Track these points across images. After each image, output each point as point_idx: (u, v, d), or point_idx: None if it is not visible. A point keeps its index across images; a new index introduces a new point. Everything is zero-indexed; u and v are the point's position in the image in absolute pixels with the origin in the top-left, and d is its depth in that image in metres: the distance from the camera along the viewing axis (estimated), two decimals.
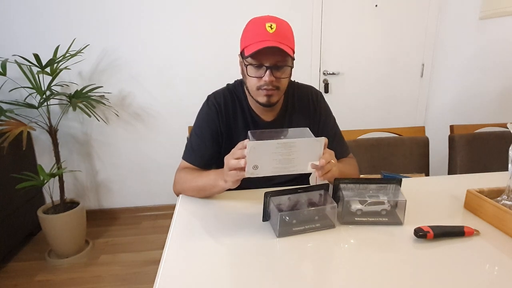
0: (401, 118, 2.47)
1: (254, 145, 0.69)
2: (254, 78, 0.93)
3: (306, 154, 0.73)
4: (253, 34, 0.90)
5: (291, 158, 0.72)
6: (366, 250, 0.69)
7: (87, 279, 1.77)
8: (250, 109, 1.04)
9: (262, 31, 0.89)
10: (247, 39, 0.92)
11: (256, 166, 0.71)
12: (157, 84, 2.22)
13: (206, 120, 1.03)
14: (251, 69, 0.93)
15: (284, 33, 0.90)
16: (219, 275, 0.62)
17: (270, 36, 0.88)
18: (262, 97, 0.95)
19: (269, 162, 0.71)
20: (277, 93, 0.95)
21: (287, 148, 0.71)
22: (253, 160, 0.70)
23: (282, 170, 0.73)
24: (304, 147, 0.72)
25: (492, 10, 2.18)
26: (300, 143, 0.71)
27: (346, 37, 2.27)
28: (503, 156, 1.01)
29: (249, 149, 0.69)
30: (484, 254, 0.67)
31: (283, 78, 0.94)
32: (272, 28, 0.89)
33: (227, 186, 0.81)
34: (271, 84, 0.92)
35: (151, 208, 2.45)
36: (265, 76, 0.90)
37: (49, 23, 2.04)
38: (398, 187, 0.81)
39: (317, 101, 1.09)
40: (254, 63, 0.91)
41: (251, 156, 0.70)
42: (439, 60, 2.37)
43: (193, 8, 2.12)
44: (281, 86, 0.95)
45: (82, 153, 2.29)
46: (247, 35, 0.93)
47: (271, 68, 0.90)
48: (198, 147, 1.02)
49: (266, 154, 0.70)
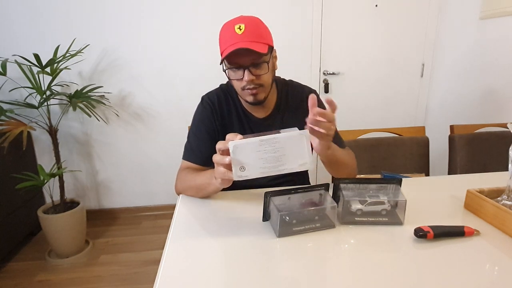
0: (401, 118, 2.47)
1: (236, 144, 0.68)
2: (235, 80, 0.96)
3: (292, 150, 0.71)
4: (224, 39, 0.92)
5: (277, 156, 0.70)
6: (366, 250, 0.69)
7: (87, 279, 1.77)
8: (242, 107, 1.07)
9: (231, 34, 0.90)
10: (221, 45, 0.94)
11: (243, 168, 0.70)
12: (157, 84, 2.22)
13: (202, 119, 1.06)
14: (231, 72, 0.95)
15: (253, 31, 0.91)
16: (219, 275, 0.62)
17: (239, 37, 0.89)
18: (249, 96, 0.96)
19: (256, 162, 0.70)
20: (262, 89, 0.96)
21: (271, 145, 0.69)
22: (238, 161, 0.69)
23: (272, 170, 0.71)
24: (289, 143, 0.70)
25: (492, 10, 2.19)
26: (284, 139, 0.70)
27: (346, 37, 2.27)
28: (503, 156, 1.01)
29: (231, 150, 0.68)
30: (484, 254, 0.67)
31: (263, 75, 0.95)
32: (240, 29, 0.90)
33: (217, 183, 0.79)
34: (252, 83, 0.93)
35: (151, 208, 2.45)
36: (244, 77, 0.92)
37: (49, 23, 2.04)
38: (398, 187, 0.81)
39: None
40: (232, 66, 0.93)
41: (235, 157, 0.69)
42: (439, 60, 2.37)
43: (193, 8, 2.12)
44: (264, 83, 0.96)
45: (82, 153, 2.29)
46: (220, 40, 0.94)
47: (248, 67, 0.91)
48: (196, 146, 1.04)
49: (251, 154, 0.69)
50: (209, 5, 2.12)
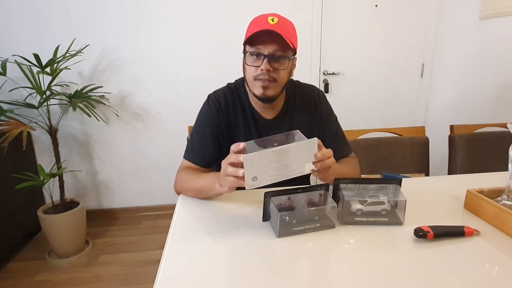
0: (401, 118, 2.47)
1: (251, 157, 0.69)
2: (252, 67, 0.93)
3: (301, 156, 0.73)
4: (255, 25, 0.91)
5: (287, 164, 0.72)
6: (366, 250, 0.69)
7: (87, 279, 1.77)
8: (250, 107, 1.04)
9: (264, 22, 0.89)
10: (248, 31, 0.92)
11: (255, 178, 0.71)
12: (157, 84, 2.22)
13: (207, 118, 1.03)
14: (249, 57, 0.93)
15: (285, 26, 0.91)
16: (219, 275, 0.62)
17: (271, 26, 0.88)
18: (258, 88, 0.93)
19: (267, 171, 0.72)
20: (274, 86, 0.94)
21: (283, 155, 0.71)
22: (251, 173, 0.70)
23: (280, 176, 0.73)
24: (299, 151, 0.73)
25: (492, 10, 2.18)
26: (295, 148, 0.72)
27: (346, 37, 2.27)
28: (503, 156, 1.01)
29: (246, 163, 0.69)
30: (484, 254, 0.67)
31: (281, 70, 0.93)
32: (273, 20, 0.89)
33: (223, 190, 0.80)
34: (268, 74, 0.91)
35: (151, 208, 2.45)
36: (262, 65, 0.90)
37: (49, 23, 2.04)
38: (398, 187, 0.81)
39: (319, 99, 1.09)
40: (252, 50, 0.91)
41: (248, 169, 0.70)
42: (439, 60, 2.37)
43: (193, 8, 2.12)
44: (278, 79, 0.93)
45: (82, 153, 2.29)
46: (249, 28, 0.93)
47: (268, 57, 0.90)
48: (199, 146, 1.02)
49: (263, 164, 0.71)
50: (209, 5, 2.12)
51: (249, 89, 0.99)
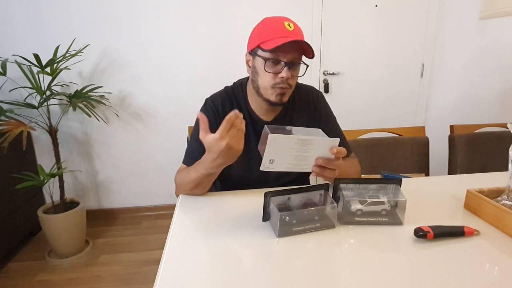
0: (401, 118, 2.47)
1: (276, 137, 0.70)
2: (271, 74, 0.92)
3: (319, 153, 0.75)
4: (271, 30, 0.90)
5: (305, 156, 0.73)
6: (366, 250, 0.69)
7: (87, 279, 1.77)
8: (249, 109, 1.04)
9: (282, 28, 0.89)
10: (263, 35, 0.91)
11: (272, 160, 0.72)
12: (157, 84, 2.22)
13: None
14: (269, 64, 0.91)
15: (301, 32, 0.92)
16: (219, 275, 0.62)
17: (290, 33, 0.88)
18: (276, 96, 0.93)
19: (285, 158, 0.73)
20: (289, 92, 0.96)
21: (304, 145, 0.72)
22: (271, 154, 0.71)
23: (296, 167, 0.74)
24: (320, 146, 0.74)
25: (492, 10, 2.19)
26: (317, 142, 0.73)
27: (346, 37, 2.27)
28: (503, 156, 1.01)
29: (269, 141, 0.70)
30: (484, 254, 0.67)
31: (296, 77, 0.95)
32: (290, 26, 0.90)
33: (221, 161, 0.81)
34: (286, 81, 0.91)
35: (151, 208, 2.45)
36: (282, 73, 0.90)
37: (49, 23, 2.04)
38: (398, 187, 0.81)
39: (318, 101, 1.09)
40: (272, 57, 0.90)
41: (270, 149, 0.70)
42: (439, 60, 2.37)
43: (194, 8, 2.12)
44: (293, 85, 0.95)
45: (82, 153, 2.29)
46: (263, 31, 0.92)
47: (288, 64, 0.90)
48: (197, 150, 1.01)
49: (284, 149, 0.71)
50: (209, 5, 2.12)
51: (258, 94, 0.97)
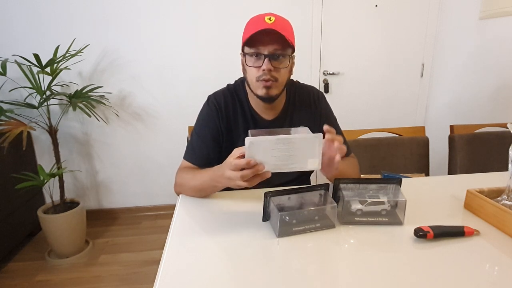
0: (401, 118, 2.47)
1: (252, 140, 0.70)
2: (253, 68, 0.93)
3: (304, 151, 0.73)
4: (251, 25, 0.91)
5: (290, 155, 0.73)
6: (366, 250, 0.69)
7: (87, 279, 1.77)
8: (250, 108, 1.04)
9: (261, 22, 0.89)
10: (245, 32, 0.92)
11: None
12: (157, 84, 2.22)
13: (206, 119, 1.03)
14: (249, 59, 0.93)
15: (283, 24, 0.90)
16: (219, 275, 0.62)
17: (268, 25, 0.88)
18: (261, 89, 0.94)
19: (269, 159, 0.72)
20: (276, 85, 0.94)
21: (286, 145, 0.71)
22: (251, 157, 0.71)
23: (282, 166, 0.74)
24: (303, 144, 0.73)
25: (492, 10, 2.19)
26: (299, 140, 0.72)
27: (346, 37, 2.27)
28: (503, 156, 1.01)
29: (247, 145, 0.70)
30: (484, 254, 0.67)
31: (281, 68, 0.93)
32: (271, 20, 0.89)
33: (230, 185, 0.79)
34: (269, 73, 0.91)
35: (151, 208, 2.45)
36: (263, 65, 0.90)
37: (49, 23, 2.04)
38: (398, 187, 0.81)
39: (318, 101, 1.10)
40: (252, 51, 0.91)
41: (250, 153, 0.71)
42: (439, 60, 2.37)
43: (194, 8, 2.12)
44: (279, 78, 0.94)
45: (82, 153, 2.29)
46: (246, 28, 0.93)
47: (269, 56, 0.90)
48: (198, 147, 1.02)
49: (265, 151, 0.71)
50: (209, 5, 2.12)
51: (251, 90, 0.98)
